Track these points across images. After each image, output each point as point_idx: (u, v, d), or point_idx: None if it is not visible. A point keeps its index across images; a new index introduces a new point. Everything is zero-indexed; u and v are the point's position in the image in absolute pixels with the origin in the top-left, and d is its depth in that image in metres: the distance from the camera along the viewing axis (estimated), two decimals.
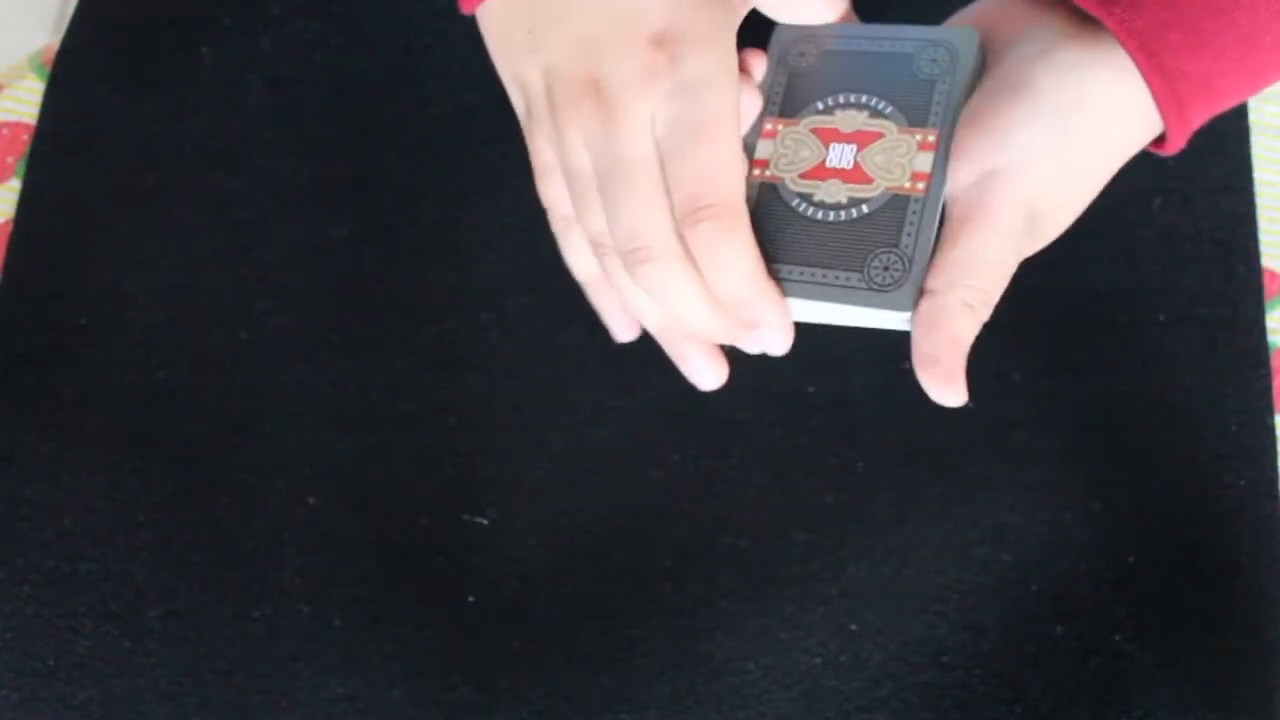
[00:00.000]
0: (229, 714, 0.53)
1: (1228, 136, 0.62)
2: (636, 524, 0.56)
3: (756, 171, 0.48)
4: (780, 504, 0.56)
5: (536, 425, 0.57)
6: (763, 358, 0.47)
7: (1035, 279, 0.60)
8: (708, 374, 0.50)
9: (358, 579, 0.55)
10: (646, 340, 0.58)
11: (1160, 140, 0.46)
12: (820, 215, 0.47)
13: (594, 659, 0.54)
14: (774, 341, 0.46)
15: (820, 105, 0.48)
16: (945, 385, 0.44)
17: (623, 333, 0.52)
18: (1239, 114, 0.63)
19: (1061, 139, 0.44)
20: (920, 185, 0.46)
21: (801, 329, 0.47)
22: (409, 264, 0.59)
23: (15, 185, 0.61)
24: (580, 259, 0.50)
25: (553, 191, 0.48)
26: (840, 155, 0.47)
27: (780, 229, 0.47)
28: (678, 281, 0.45)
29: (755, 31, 0.49)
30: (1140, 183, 0.61)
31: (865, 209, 0.46)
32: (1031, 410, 0.57)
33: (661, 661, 0.54)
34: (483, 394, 0.58)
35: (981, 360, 0.58)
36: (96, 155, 0.61)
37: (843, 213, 0.46)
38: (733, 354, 0.49)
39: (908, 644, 0.55)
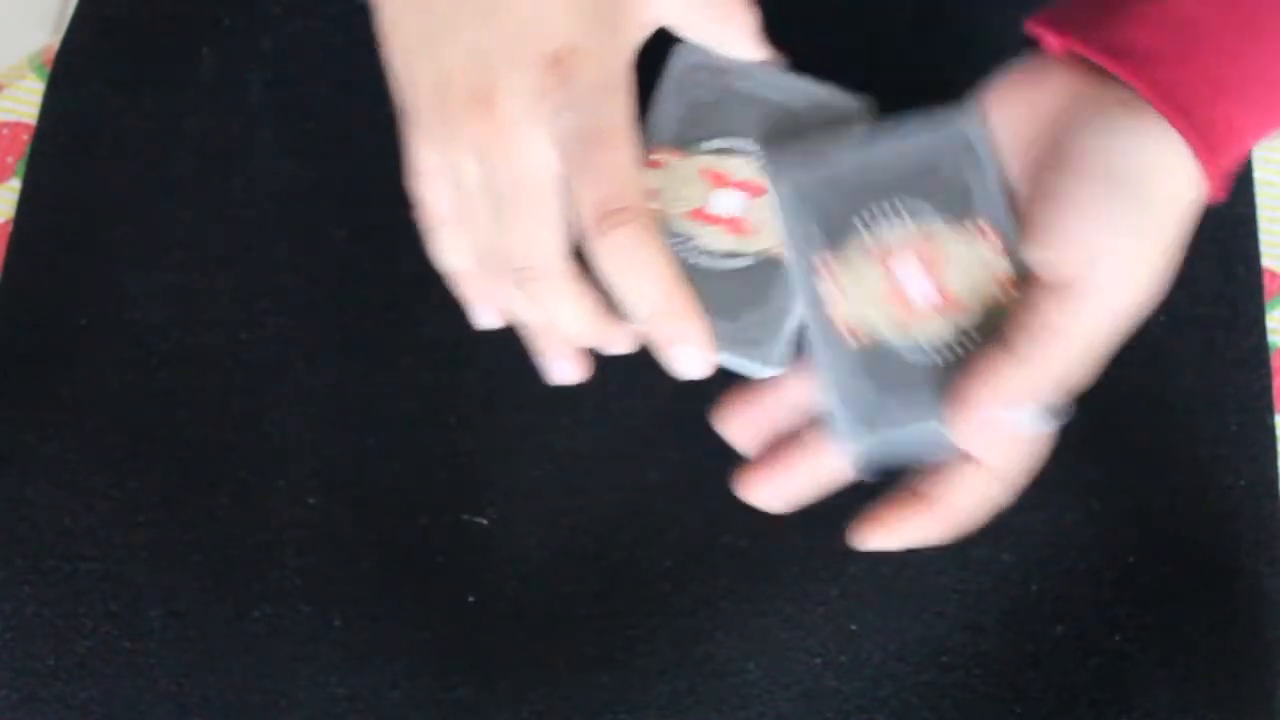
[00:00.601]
0: (229, 714, 0.53)
1: None
2: (636, 524, 0.56)
3: (849, 336, 0.46)
4: None
5: (537, 425, 0.57)
6: None
7: None
8: (570, 371, 0.49)
9: (358, 579, 0.55)
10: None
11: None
12: (698, 260, 0.47)
13: (594, 659, 0.54)
14: (693, 361, 0.45)
15: (712, 145, 0.48)
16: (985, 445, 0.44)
17: (487, 321, 0.50)
18: None
19: (1145, 218, 0.44)
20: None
21: None
22: (409, 264, 0.59)
23: (15, 185, 0.61)
24: (448, 255, 0.49)
25: (428, 193, 0.47)
26: (726, 203, 0.47)
27: (898, 381, 0.45)
28: (566, 298, 0.44)
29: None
30: None
31: (742, 263, 0.46)
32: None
33: (661, 661, 0.54)
34: (483, 394, 0.58)
35: None
36: (96, 155, 0.61)
37: (720, 261, 0.46)
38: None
39: (908, 644, 0.55)
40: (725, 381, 0.58)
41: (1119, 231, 0.43)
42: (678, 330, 0.44)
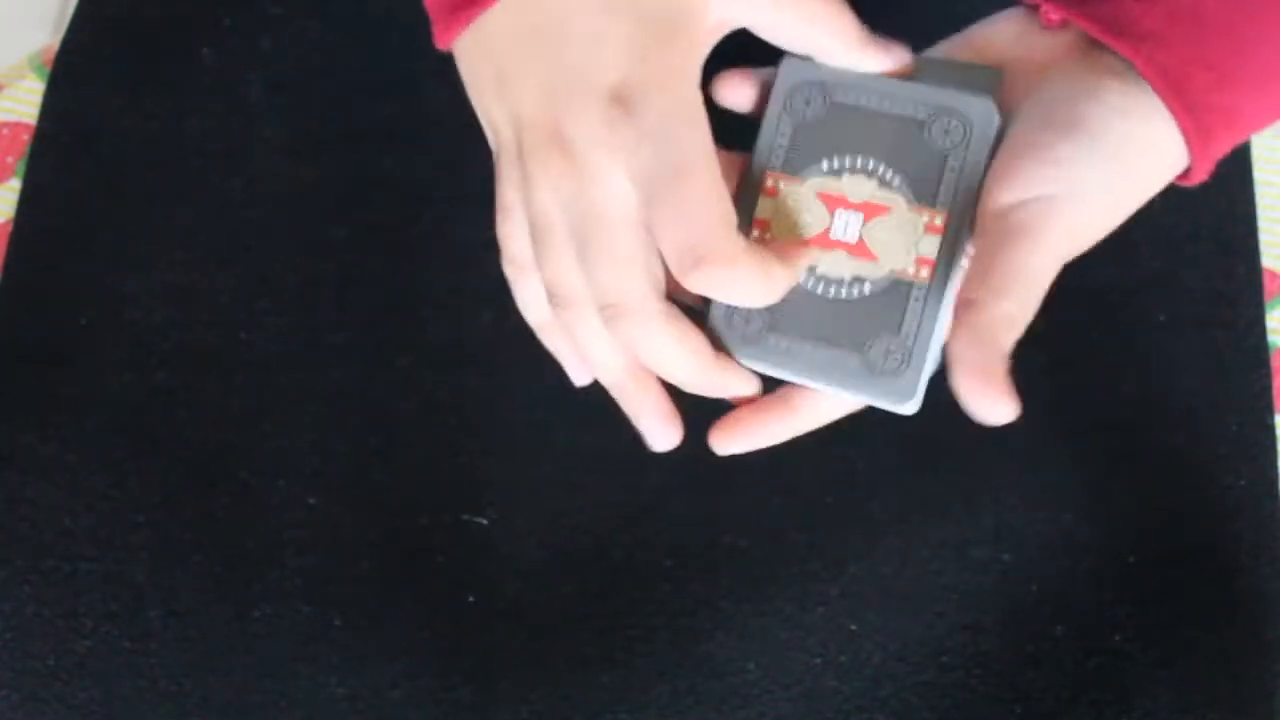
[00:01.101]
0: (229, 714, 0.53)
1: None
2: (636, 524, 0.56)
3: (756, 232, 0.46)
4: (780, 504, 0.56)
5: (537, 425, 0.57)
6: None
7: None
8: (661, 435, 0.48)
9: (358, 579, 0.55)
10: None
11: (1185, 172, 0.46)
12: (821, 289, 0.45)
13: (594, 659, 0.54)
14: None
15: (826, 165, 0.46)
16: (996, 399, 0.42)
17: (580, 377, 0.50)
18: None
19: (1113, 178, 0.44)
20: (924, 273, 0.44)
21: None
22: (409, 264, 0.59)
23: (15, 185, 0.61)
24: (533, 303, 0.48)
25: (505, 230, 0.47)
26: (845, 226, 0.45)
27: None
28: (660, 333, 0.44)
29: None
30: None
31: (867, 289, 0.45)
32: (1031, 410, 0.57)
33: (661, 661, 0.54)
34: (483, 394, 0.58)
35: None
36: (96, 155, 0.61)
37: (844, 289, 0.45)
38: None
39: (908, 644, 0.55)
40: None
41: (1080, 183, 0.43)
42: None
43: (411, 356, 0.58)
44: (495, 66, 0.44)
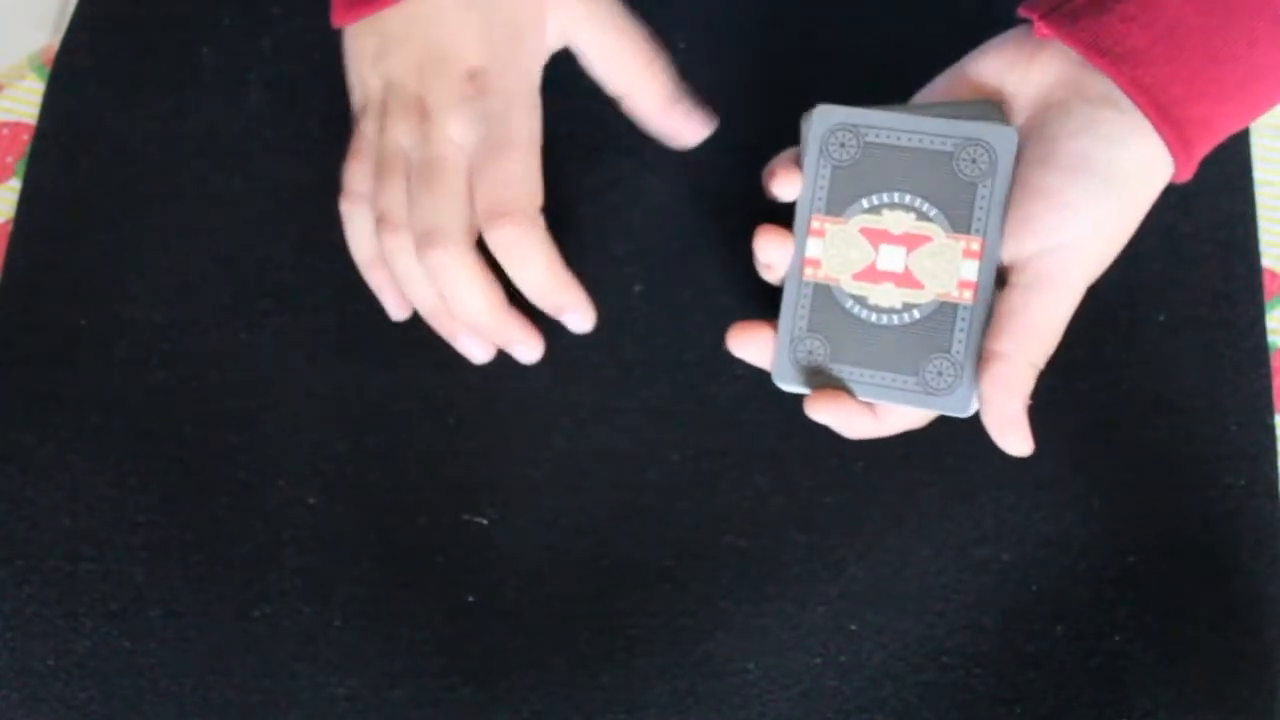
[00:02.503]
0: (229, 714, 0.53)
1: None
2: (636, 524, 0.56)
3: (809, 271, 0.50)
4: (780, 504, 0.56)
5: (536, 425, 0.57)
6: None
7: None
8: (477, 350, 0.56)
9: (358, 579, 0.55)
10: (646, 340, 0.58)
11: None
12: (875, 319, 0.50)
13: (594, 659, 0.54)
14: (578, 321, 0.55)
15: (866, 204, 0.50)
16: (1022, 441, 0.49)
17: (396, 311, 0.57)
18: None
19: (1118, 210, 0.48)
20: (967, 294, 0.49)
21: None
22: None
23: (15, 185, 0.61)
24: (362, 239, 0.55)
25: (356, 170, 0.55)
26: (890, 258, 0.50)
27: (837, 330, 0.50)
28: (459, 267, 0.52)
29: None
30: None
31: (917, 314, 0.50)
32: (1031, 410, 0.57)
33: (661, 661, 0.54)
34: (483, 394, 0.58)
35: None
36: (96, 155, 0.61)
37: (895, 317, 0.50)
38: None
39: (908, 644, 0.55)
40: (729, 382, 0.58)
41: (1094, 225, 0.48)
42: (562, 301, 0.54)
43: (411, 357, 0.58)
44: (378, 40, 0.53)
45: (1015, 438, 0.48)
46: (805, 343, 0.50)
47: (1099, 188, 0.48)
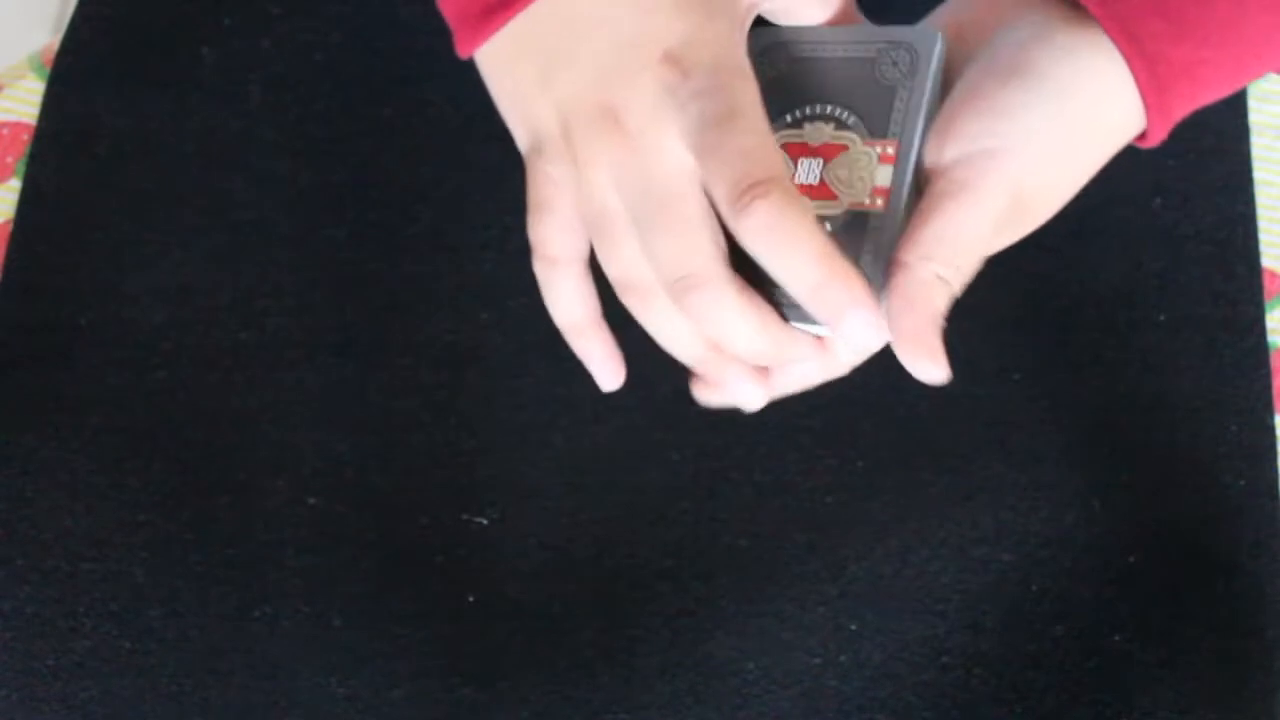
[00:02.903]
0: (229, 714, 0.53)
1: (1227, 136, 0.62)
2: (636, 524, 0.56)
3: None
4: (780, 504, 0.56)
5: (537, 425, 0.57)
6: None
7: (1036, 279, 0.60)
8: (754, 394, 0.46)
9: (358, 579, 0.55)
10: (647, 340, 0.58)
11: (1142, 134, 0.45)
12: None
13: (594, 659, 0.54)
14: (869, 328, 0.42)
15: (789, 118, 0.46)
16: (928, 360, 0.41)
17: (609, 380, 0.48)
18: (1238, 114, 0.62)
19: (1057, 122, 0.42)
20: (879, 201, 0.44)
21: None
22: (409, 264, 0.59)
23: (15, 185, 0.61)
24: (565, 302, 0.47)
25: (543, 230, 0.46)
26: (808, 171, 0.46)
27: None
28: (730, 305, 0.42)
29: None
30: (1140, 183, 0.61)
31: (828, 227, 0.44)
32: (1031, 410, 0.57)
33: (661, 661, 0.54)
34: (483, 394, 0.58)
35: (981, 359, 0.58)
36: (96, 155, 0.61)
37: None
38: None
39: (908, 644, 0.55)
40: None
41: (1025, 133, 0.42)
42: (845, 297, 0.41)
43: (411, 356, 0.58)
44: (540, 62, 0.43)
45: (922, 359, 0.41)
46: None
47: (1034, 92, 0.42)
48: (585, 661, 0.54)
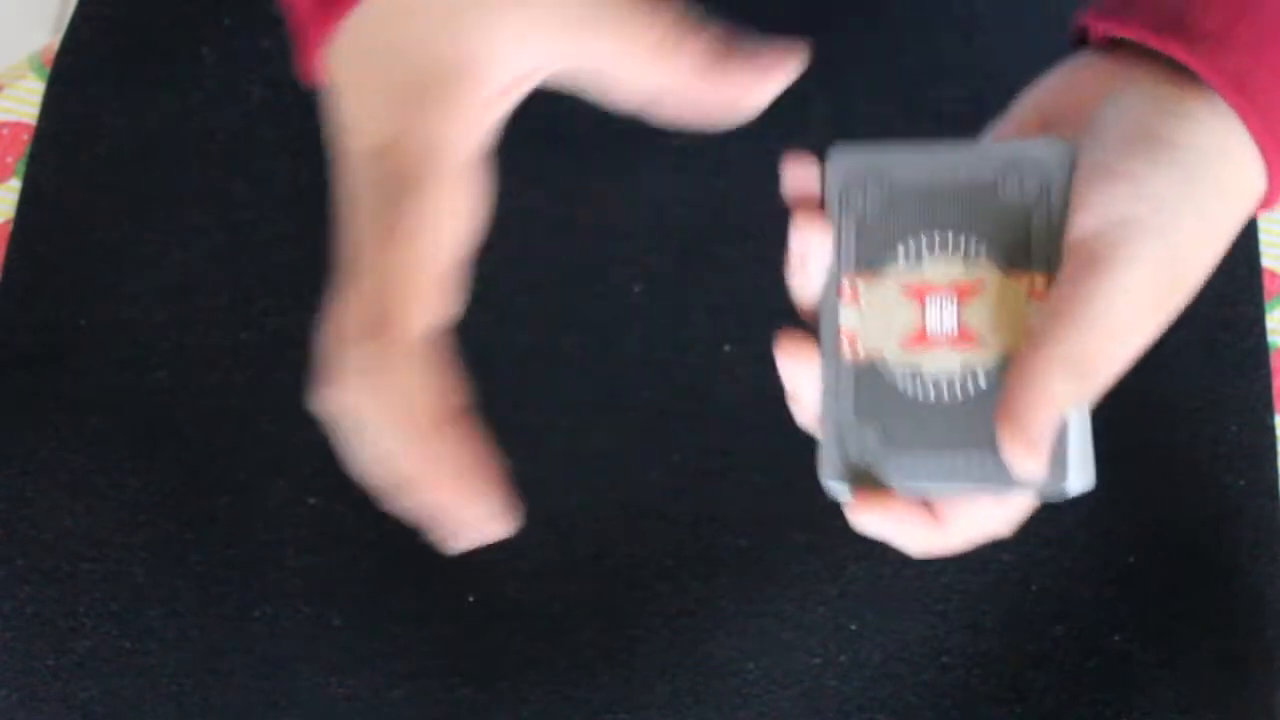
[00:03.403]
0: (229, 714, 0.53)
1: None
2: (636, 524, 0.56)
3: (847, 346, 0.41)
4: (780, 504, 0.56)
5: (536, 425, 0.57)
6: (768, 362, 0.47)
7: None
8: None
9: (358, 579, 0.55)
10: (646, 340, 0.58)
11: (1264, 197, 0.42)
12: (934, 394, 0.40)
13: (594, 659, 0.54)
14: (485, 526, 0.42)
15: (903, 254, 0.41)
16: (1024, 453, 0.38)
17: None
18: None
19: (1192, 195, 0.39)
20: None
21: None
22: None
23: (15, 185, 0.61)
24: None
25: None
26: (940, 315, 0.41)
27: (890, 413, 0.40)
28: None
29: None
30: None
31: (982, 380, 0.40)
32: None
33: (661, 661, 0.54)
34: (482, 394, 0.58)
35: None
36: (96, 155, 0.61)
37: (958, 386, 0.40)
38: None
39: (908, 644, 0.55)
40: (729, 382, 0.58)
41: (1156, 200, 0.39)
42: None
43: None
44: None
45: (1022, 449, 0.37)
46: (856, 434, 0.41)
47: (1169, 159, 0.39)
48: (585, 661, 0.54)
